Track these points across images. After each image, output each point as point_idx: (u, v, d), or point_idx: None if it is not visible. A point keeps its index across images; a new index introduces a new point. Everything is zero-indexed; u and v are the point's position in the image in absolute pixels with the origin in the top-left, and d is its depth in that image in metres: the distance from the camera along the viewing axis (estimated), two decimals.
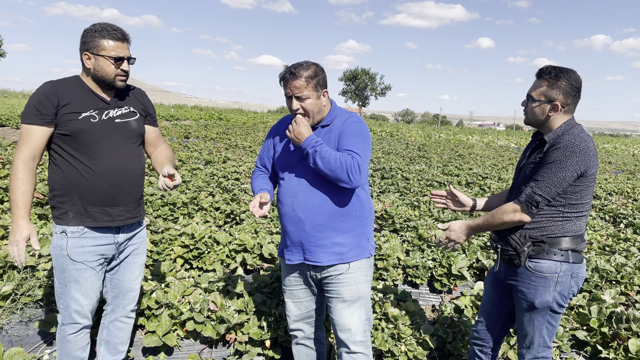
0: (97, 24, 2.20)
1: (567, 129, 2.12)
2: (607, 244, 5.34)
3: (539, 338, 2.26)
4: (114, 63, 2.18)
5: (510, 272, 2.28)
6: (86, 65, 2.20)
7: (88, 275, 2.27)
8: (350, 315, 2.32)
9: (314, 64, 2.23)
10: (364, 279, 2.35)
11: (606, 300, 3.57)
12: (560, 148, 2.04)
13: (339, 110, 2.36)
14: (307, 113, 2.23)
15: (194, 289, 3.40)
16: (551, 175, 2.04)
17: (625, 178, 12.00)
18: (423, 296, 4.13)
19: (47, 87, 2.16)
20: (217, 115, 28.64)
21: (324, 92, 2.25)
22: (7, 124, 14.30)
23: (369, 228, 2.40)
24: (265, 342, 2.96)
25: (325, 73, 2.28)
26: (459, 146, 19.77)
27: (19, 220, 2.09)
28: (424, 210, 6.56)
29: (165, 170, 2.25)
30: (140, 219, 2.46)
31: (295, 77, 2.17)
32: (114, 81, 2.22)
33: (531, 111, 2.19)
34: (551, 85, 2.11)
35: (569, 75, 2.10)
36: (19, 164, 2.10)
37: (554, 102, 2.11)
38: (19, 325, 3.11)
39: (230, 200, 6.20)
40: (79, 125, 2.16)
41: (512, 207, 2.14)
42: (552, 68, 2.12)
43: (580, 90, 2.13)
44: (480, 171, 11.11)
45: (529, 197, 2.07)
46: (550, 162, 2.05)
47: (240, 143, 13.65)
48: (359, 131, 2.23)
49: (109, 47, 2.16)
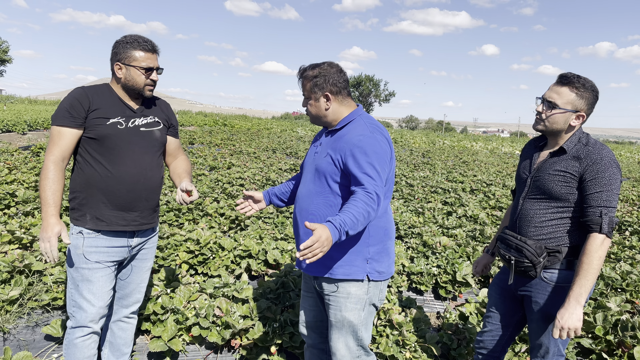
0: (129, 35, 2.30)
1: (587, 139, 2.10)
2: (612, 251, 5.32)
3: (554, 347, 2.22)
4: (144, 73, 2.28)
5: (523, 283, 2.22)
6: (117, 75, 2.30)
7: (100, 276, 2.32)
8: (336, 340, 2.23)
9: (323, 65, 2.14)
10: (352, 307, 2.16)
11: (611, 308, 3.56)
12: (605, 164, 1.98)
13: (359, 120, 2.14)
14: (309, 115, 2.22)
15: (199, 294, 3.42)
16: (612, 196, 1.98)
17: (630, 185, 11.96)
18: (428, 303, 4.13)
19: (79, 91, 2.26)
20: (221, 121, 28.75)
21: (324, 95, 2.13)
22: (13, 129, 14.41)
23: (375, 250, 2.15)
24: (271, 348, 2.97)
25: (337, 76, 2.14)
26: (463, 153, 19.76)
27: (50, 218, 2.15)
28: (429, 217, 6.56)
29: (184, 185, 2.36)
30: (155, 225, 2.52)
31: (301, 77, 2.19)
32: (143, 90, 2.32)
33: (553, 118, 2.11)
34: (580, 95, 2.06)
35: (593, 87, 2.08)
36: (49, 164, 2.18)
37: (579, 112, 2.08)
38: (25, 329, 3.13)
39: (235, 206, 6.22)
40: (106, 131, 2.24)
41: (599, 240, 1.96)
42: (578, 77, 2.07)
43: (598, 97, 2.12)
44: (485, 178, 11.10)
45: (610, 225, 1.96)
46: (605, 181, 1.97)
47: (244, 149, 13.69)
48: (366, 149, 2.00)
49: (140, 58, 2.26)
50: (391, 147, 2.14)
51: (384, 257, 2.19)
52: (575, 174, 2.03)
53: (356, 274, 2.13)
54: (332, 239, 1.76)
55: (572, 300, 1.95)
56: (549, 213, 2.12)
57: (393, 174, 2.20)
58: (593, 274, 1.94)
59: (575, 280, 1.96)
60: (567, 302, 1.96)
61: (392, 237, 2.26)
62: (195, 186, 2.57)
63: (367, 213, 1.87)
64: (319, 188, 2.15)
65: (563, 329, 1.95)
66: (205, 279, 3.87)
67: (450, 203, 7.89)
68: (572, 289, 1.96)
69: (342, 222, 1.79)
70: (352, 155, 2.00)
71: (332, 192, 2.11)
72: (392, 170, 2.17)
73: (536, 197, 2.15)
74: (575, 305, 1.94)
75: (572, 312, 1.94)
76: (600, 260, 1.94)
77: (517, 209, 2.25)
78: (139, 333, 3.16)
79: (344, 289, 2.15)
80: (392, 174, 2.18)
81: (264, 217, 5.82)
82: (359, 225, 1.86)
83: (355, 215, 1.83)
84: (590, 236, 1.97)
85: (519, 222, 2.22)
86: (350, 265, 2.12)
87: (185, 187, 2.35)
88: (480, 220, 6.61)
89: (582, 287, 1.94)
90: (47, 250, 2.15)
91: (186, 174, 2.51)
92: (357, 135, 2.04)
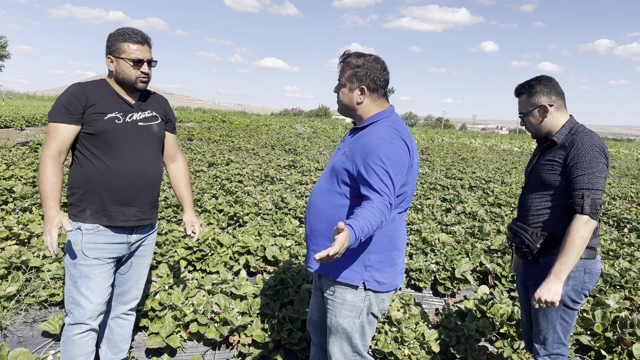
0: (121, 28, 2.29)
1: (576, 128, 2.23)
2: (611, 248, 5.32)
3: (553, 334, 2.30)
4: (134, 65, 2.26)
5: (528, 271, 2.39)
6: (109, 68, 2.30)
7: (98, 272, 2.30)
8: (332, 344, 2.20)
9: (369, 57, 2.08)
10: (347, 314, 2.12)
11: (610, 305, 3.56)
12: (585, 149, 2.11)
13: (383, 122, 2.06)
14: (338, 104, 2.16)
15: (197, 290, 3.41)
16: (595, 178, 2.09)
17: (629, 182, 11.97)
18: (426, 300, 4.12)
19: (76, 88, 2.25)
20: (220, 117, 28.70)
21: (360, 88, 2.07)
22: (11, 125, 14.37)
23: (377, 258, 2.07)
24: (269, 345, 2.96)
25: (379, 73, 2.07)
26: (462, 150, 19.75)
27: (49, 211, 2.15)
28: (428, 213, 6.56)
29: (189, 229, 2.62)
30: (154, 221, 2.52)
31: (343, 61, 2.11)
32: (136, 83, 2.30)
33: (529, 123, 2.35)
34: (530, 94, 2.31)
35: (538, 79, 2.31)
36: (46, 159, 2.18)
37: (541, 105, 2.28)
38: (23, 326, 3.12)
39: (234, 202, 6.21)
40: (104, 126, 2.24)
41: (582, 221, 2.08)
42: (523, 83, 2.35)
43: (557, 85, 2.29)
44: (484, 175, 11.09)
45: (593, 206, 2.07)
46: (586, 164, 2.09)
47: (243, 145, 13.67)
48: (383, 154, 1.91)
49: (129, 50, 2.25)
50: (412, 154, 2.03)
51: (386, 266, 2.10)
52: (560, 161, 2.19)
53: (353, 279, 2.07)
54: (349, 245, 1.71)
55: (552, 275, 2.11)
56: (544, 201, 2.27)
57: (412, 185, 2.09)
58: (575, 253, 2.08)
59: (558, 258, 2.11)
60: (548, 277, 2.12)
61: (399, 248, 2.15)
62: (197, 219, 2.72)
63: (380, 222, 1.82)
64: (329, 186, 2.11)
65: (541, 301, 2.12)
66: (204, 276, 3.86)
67: (449, 200, 7.88)
68: (554, 266, 2.12)
69: (361, 229, 1.73)
70: (368, 159, 1.92)
71: (341, 192, 2.06)
72: (412, 180, 2.08)
73: (533, 188, 2.33)
74: (554, 280, 2.10)
75: (550, 286, 2.10)
76: (582, 240, 2.07)
77: (520, 200, 2.44)
78: (137, 329, 3.15)
79: (340, 295, 2.12)
80: (412, 184, 2.09)
81: (262, 213, 5.81)
82: (373, 231, 1.81)
83: (372, 223, 1.78)
84: (575, 217, 2.11)
85: (521, 212, 2.41)
86: (349, 269, 2.07)
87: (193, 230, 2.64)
88: (479, 217, 6.61)
89: (563, 264, 2.09)
90: (48, 242, 2.14)
91: (187, 195, 2.65)
92: (375, 139, 1.96)
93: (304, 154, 13.20)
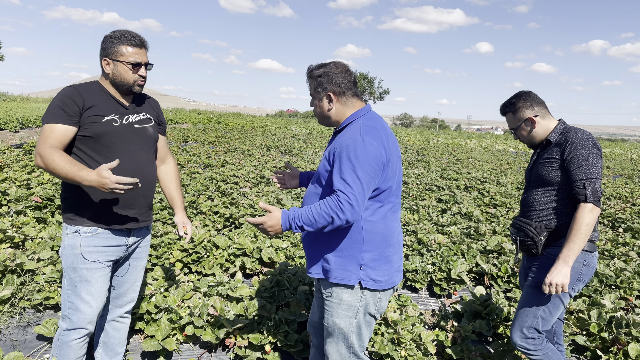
0: (117, 30, 2.25)
1: (568, 127, 2.42)
2: (606, 248, 5.34)
3: (532, 318, 2.41)
4: (132, 69, 2.24)
5: (531, 263, 2.50)
6: (105, 71, 2.26)
7: (98, 276, 2.29)
8: (329, 345, 2.21)
9: (329, 65, 2.11)
10: (343, 314, 2.12)
11: (606, 304, 3.57)
12: (579, 143, 2.28)
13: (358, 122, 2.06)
14: (315, 115, 2.21)
15: (193, 293, 3.40)
16: (592, 168, 2.25)
17: (623, 182, 12.03)
18: (423, 300, 4.12)
19: (71, 90, 2.20)
20: (215, 119, 28.65)
21: (327, 95, 2.10)
22: (5, 127, 14.27)
23: (370, 256, 2.07)
24: (265, 347, 2.95)
25: (341, 76, 2.09)
26: (458, 150, 19.80)
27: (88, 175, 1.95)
28: (423, 214, 6.56)
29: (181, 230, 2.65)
30: (149, 223, 2.51)
31: (308, 77, 2.16)
32: (133, 86, 2.28)
33: (521, 136, 2.56)
34: (515, 111, 2.52)
35: (518, 96, 2.53)
36: (45, 148, 2.03)
37: (527, 118, 2.49)
38: (17, 329, 3.09)
39: (229, 204, 6.19)
40: (102, 128, 2.20)
41: (587, 209, 2.22)
42: (505, 102, 2.57)
43: (536, 96, 2.50)
44: (479, 175, 11.12)
45: (595, 194, 2.22)
46: (582, 157, 2.25)
47: (238, 147, 13.65)
48: (352, 153, 1.92)
49: (127, 53, 2.22)
50: (389, 149, 2.02)
51: (381, 264, 2.09)
52: (558, 158, 2.35)
53: (349, 279, 2.07)
54: (282, 226, 1.93)
55: (561, 260, 2.24)
56: (545, 197, 2.42)
57: (397, 179, 2.09)
58: (581, 239, 2.22)
59: (565, 245, 2.25)
60: (556, 262, 2.25)
61: (393, 245, 2.14)
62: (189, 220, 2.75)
63: (329, 217, 1.87)
64: (316, 189, 2.14)
65: (552, 284, 2.24)
66: (200, 278, 3.85)
67: (444, 200, 7.90)
68: (562, 252, 2.25)
69: (296, 215, 1.92)
70: (339, 158, 1.95)
71: (327, 194, 2.05)
72: (395, 174, 2.07)
73: (534, 185, 2.49)
74: (563, 265, 2.23)
75: (559, 270, 2.23)
76: (588, 226, 2.21)
77: (522, 199, 2.59)
78: (132, 332, 3.13)
79: (337, 295, 2.12)
80: (396, 178, 2.08)
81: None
82: (317, 225, 1.90)
83: (314, 214, 1.90)
84: (579, 206, 2.25)
85: (523, 209, 2.55)
86: (344, 269, 2.08)
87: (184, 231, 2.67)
88: (474, 218, 6.62)
89: (570, 250, 2.23)
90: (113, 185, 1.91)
91: (178, 197, 2.66)
92: (347, 139, 1.97)
93: (300, 155, 13.20)
